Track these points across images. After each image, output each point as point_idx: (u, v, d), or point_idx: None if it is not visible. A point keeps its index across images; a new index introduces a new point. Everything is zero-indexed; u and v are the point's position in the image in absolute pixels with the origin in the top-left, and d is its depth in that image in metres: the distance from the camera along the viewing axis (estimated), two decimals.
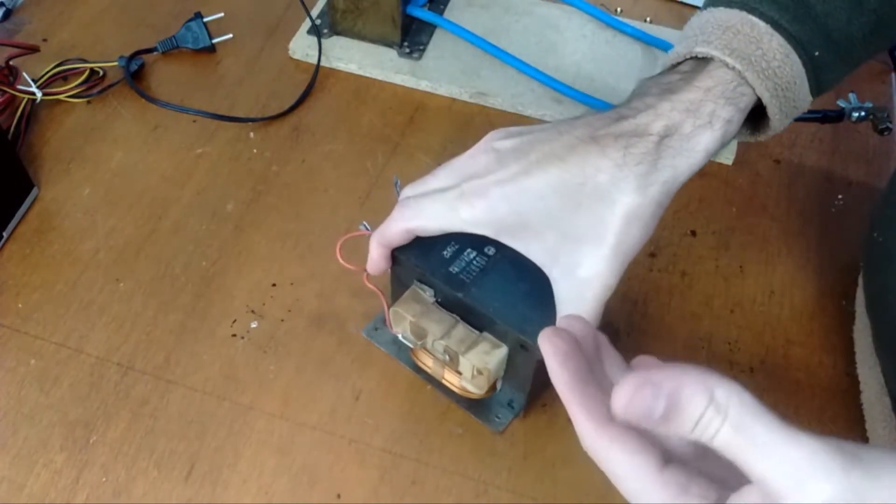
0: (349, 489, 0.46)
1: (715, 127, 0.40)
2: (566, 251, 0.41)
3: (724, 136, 0.41)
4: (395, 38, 0.68)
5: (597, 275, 0.40)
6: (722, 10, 0.43)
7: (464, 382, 0.46)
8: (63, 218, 0.58)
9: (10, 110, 0.62)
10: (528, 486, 0.47)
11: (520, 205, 0.40)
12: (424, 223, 0.43)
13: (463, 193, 0.41)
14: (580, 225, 0.40)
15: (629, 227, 0.40)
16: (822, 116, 0.63)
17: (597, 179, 0.39)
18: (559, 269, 0.41)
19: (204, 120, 0.64)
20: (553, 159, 0.40)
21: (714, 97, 0.40)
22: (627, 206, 0.39)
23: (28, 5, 0.72)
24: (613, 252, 0.40)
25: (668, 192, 0.40)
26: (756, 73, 0.41)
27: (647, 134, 0.40)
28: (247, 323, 0.53)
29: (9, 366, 0.50)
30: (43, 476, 0.46)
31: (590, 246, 0.40)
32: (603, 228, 0.40)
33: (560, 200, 0.40)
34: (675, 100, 0.40)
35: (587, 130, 0.41)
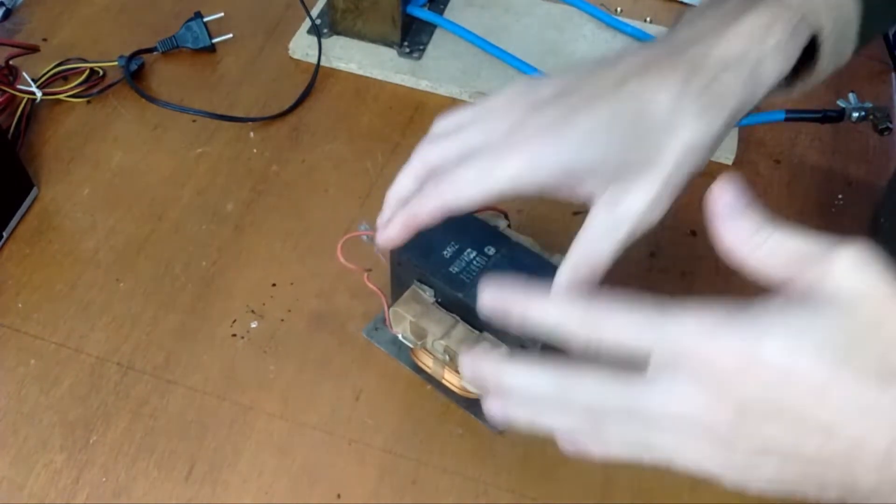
0: (349, 489, 0.46)
1: (778, 58, 0.37)
2: (614, 185, 0.37)
3: (784, 69, 0.37)
4: (395, 37, 0.68)
5: (641, 206, 0.37)
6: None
7: (464, 382, 0.46)
8: (63, 218, 0.58)
9: (10, 110, 0.62)
10: (528, 486, 0.47)
11: (566, 151, 0.37)
12: (463, 196, 0.38)
13: (500, 152, 0.37)
14: (634, 156, 0.37)
15: (686, 157, 0.37)
16: (822, 116, 0.63)
17: (655, 108, 0.36)
18: (602, 202, 0.38)
19: (204, 120, 0.64)
20: (603, 95, 0.37)
21: (781, 25, 0.37)
22: (688, 134, 0.36)
23: (28, 5, 0.72)
24: (665, 183, 0.37)
25: (729, 122, 0.37)
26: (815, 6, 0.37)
27: (709, 61, 0.36)
28: (247, 323, 0.53)
29: (9, 366, 0.50)
30: (43, 476, 0.46)
31: (641, 176, 0.37)
32: (659, 158, 0.37)
33: (612, 136, 0.37)
34: (742, 23, 0.37)
35: (639, 60, 0.37)
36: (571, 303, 0.32)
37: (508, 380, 0.33)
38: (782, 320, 0.28)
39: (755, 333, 0.28)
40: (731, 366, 0.28)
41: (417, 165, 0.41)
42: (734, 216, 0.33)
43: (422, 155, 0.41)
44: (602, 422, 0.31)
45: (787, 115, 0.63)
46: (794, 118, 0.63)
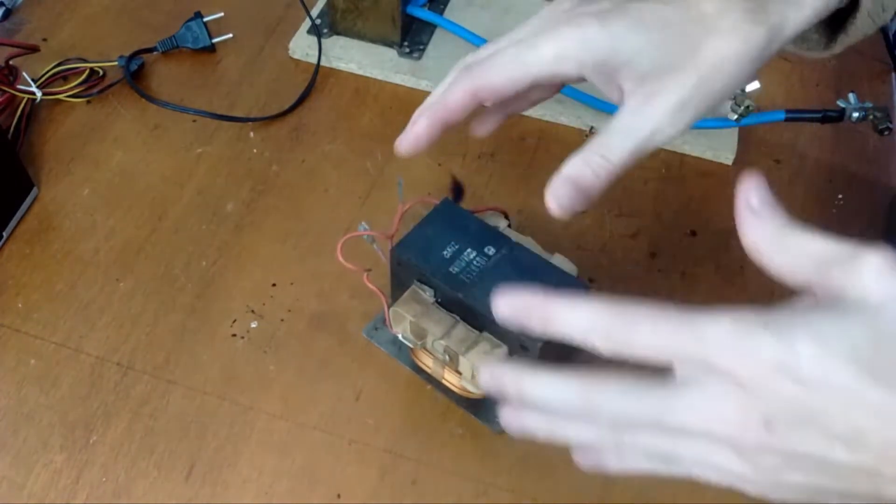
0: (349, 489, 0.46)
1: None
2: (649, 81, 0.36)
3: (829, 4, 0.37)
4: (395, 37, 0.68)
5: (667, 108, 0.36)
6: None
7: (464, 382, 0.46)
8: (63, 218, 0.58)
9: (10, 110, 0.62)
10: (528, 486, 0.47)
11: (615, 33, 0.36)
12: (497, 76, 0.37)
13: (543, 32, 0.37)
14: (672, 54, 0.36)
15: (722, 64, 0.36)
16: (822, 116, 0.63)
17: (701, 9, 0.36)
18: (631, 100, 0.37)
19: (204, 120, 0.64)
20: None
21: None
22: (729, 38, 0.36)
23: (28, 5, 0.72)
24: (695, 86, 0.36)
25: (772, 40, 0.36)
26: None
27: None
28: (247, 323, 0.53)
29: (9, 366, 0.50)
30: (43, 476, 0.46)
31: (674, 77, 0.36)
32: (695, 59, 0.36)
33: (660, 28, 0.36)
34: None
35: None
36: (597, 311, 0.30)
37: (530, 391, 0.32)
38: (812, 327, 0.27)
39: (786, 341, 0.27)
40: (762, 374, 0.27)
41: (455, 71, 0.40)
42: (763, 214, 0.33)
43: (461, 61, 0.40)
44: (625, 434, 0.30)
45: (787, 115, 0.63)
46: (794, 118, 0.63)
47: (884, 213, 0.51)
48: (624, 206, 0.60)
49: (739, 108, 0.61)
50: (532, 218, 0.58)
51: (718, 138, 0.64)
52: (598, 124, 0.64)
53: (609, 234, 0.58)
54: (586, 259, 0.56)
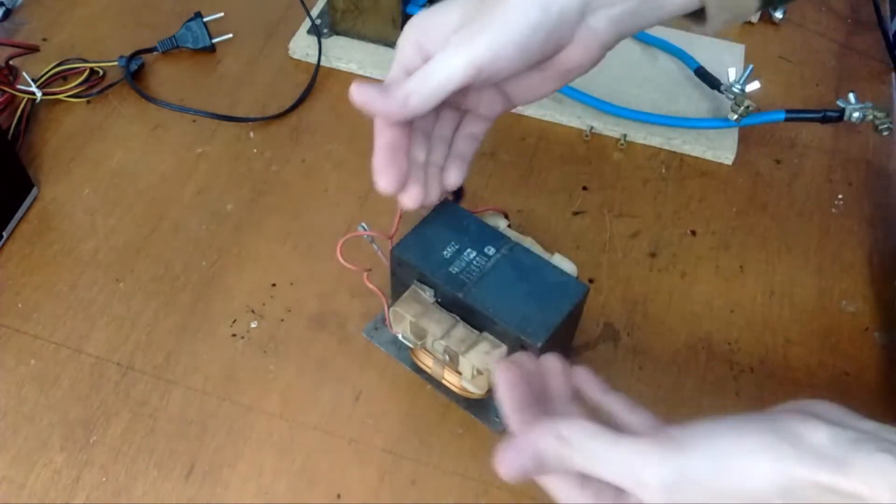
0: (349, 489, 0.46)
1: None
2: (467, 24, 0.39)
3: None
4: (395, 37, 0.67)
5: (453, 43, 0.39)
6: None
7: (464, 382, 0.46)
8: (63, 218, 0.58)
9: (10, 110, 0.62)
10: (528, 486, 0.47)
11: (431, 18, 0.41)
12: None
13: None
14: (471, 12, 0.39)
15: (527, 6, 0.38)
16: (822, 116, 0.63)
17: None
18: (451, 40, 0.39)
19: (204, 120, 0.64)
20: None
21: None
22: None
23: (28, 5, 0.72)
24: (480, 25, 0.38)
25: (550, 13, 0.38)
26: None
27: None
28: (247, 323, 0.53)
29: (9, 366, 0.50)
30: (43, 476, 0.46)
31: (483, 16, 0.38)
32: (482, 7, 0.38)
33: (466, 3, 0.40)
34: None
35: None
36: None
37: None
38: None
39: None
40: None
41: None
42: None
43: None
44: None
45: (787, 115, 0.63)
46: (794, 118, 0.63)
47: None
48: (624, 206, 0.60)
49: (739, 108, 0.61)
50: (532, 218, 0.58)
51: (718, 138, 0.64)
52: (597, 124, 0.64)
53: (609, 234, 0.58)
54: (586, 259, 0.56)
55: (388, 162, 0.42)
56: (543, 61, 0.40)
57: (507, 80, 0.42)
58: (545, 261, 0.45)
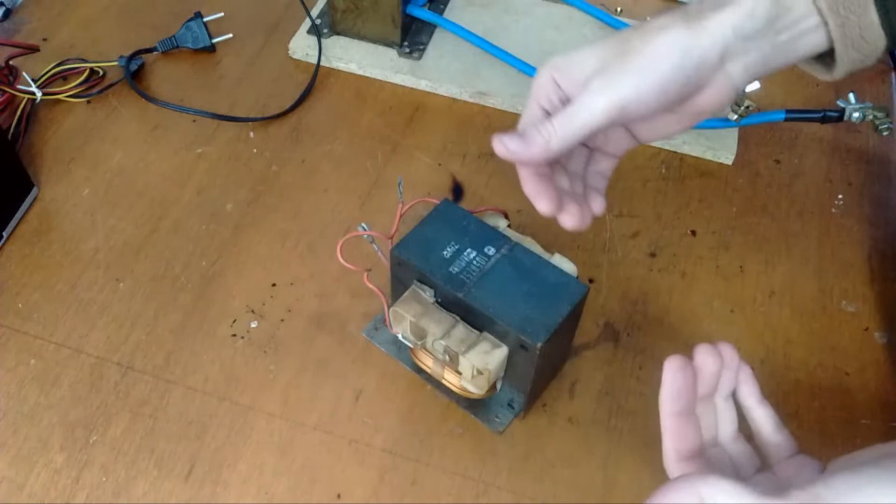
0: (349, 489, 0.46)
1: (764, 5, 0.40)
2: (609, 66, 0.41)
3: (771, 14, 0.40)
4: (395, 37, 0.68)
5: (594, 89, 0.40)
6: None
7: (464, 382, 0.46)
8: (63, 218, 0.58)
9: (10, 110, 0.62)
10: (528, 486, 0.47)
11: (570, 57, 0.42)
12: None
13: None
14: (610, 54, 0.41)
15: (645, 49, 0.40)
16: (822, 116, 0.63)
17: (654, 23, 0.41)
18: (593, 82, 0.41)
19: (204, 120, 0.64)
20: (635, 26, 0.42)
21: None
22: (652, 30, 0.40)
23: (28, 5, 0.72)
24: (620, 69, 0.40)
25: (695, 35, 0.40)
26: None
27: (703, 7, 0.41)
28: (247, 323, 0.53)
29: (9, 366, 0.50)
30: (43, 476, 0.46)
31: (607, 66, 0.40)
32: (624, 51, 0.40)
33: (605, 43, 0.41)
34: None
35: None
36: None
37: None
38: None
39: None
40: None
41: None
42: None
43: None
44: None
45: (787, 115, 0.63)
46: (794, 118, 0.63)
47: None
48: (624, 206, 0.60)
49: (739, 108, 0.61)
50: (532, 218, 0.58)
51: (718, 138, 0.64)
52: None
53: (609, 234, 0.58)
54: (586, 259, 0.56)
55: (540, 188, 0.43)
56: (678, 104, 0.42)
57: (638, 121, 0.44)
58: (545, 261, 0.45)
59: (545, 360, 0.44)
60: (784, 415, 0.42)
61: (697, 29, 0.40)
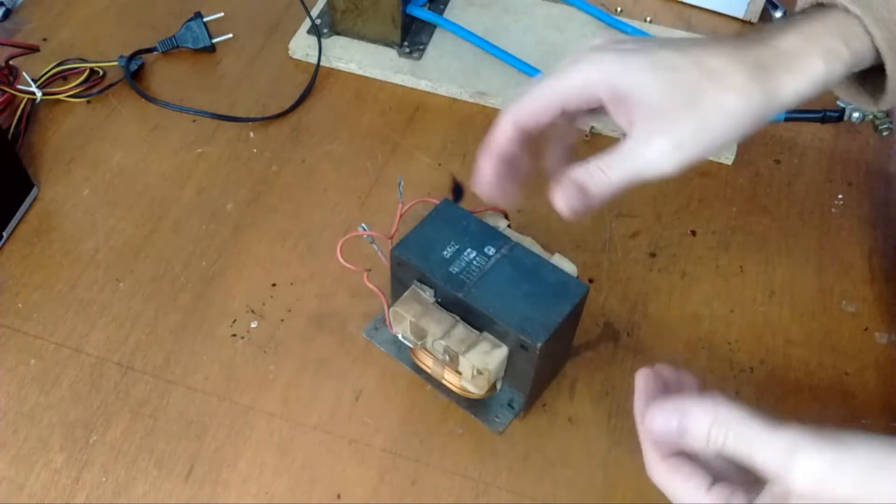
0: (349, 489, 0.46)
1: (827, 58, 0.40)
2: (652, 119, 0.40)
3: (832, 71, 0.41)
4: (395, 37, 0.68)
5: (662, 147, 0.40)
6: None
7: (464, 382, 0.46)
8: (63, 218, 0.58)
9: (10, 110, 0.62)
10: (528, 486, 0.47)
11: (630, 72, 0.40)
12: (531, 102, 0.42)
13: (574, 62, 0.41)
14: (678, 97, 0.40)
15: (721, 116, 0.40)
16: (822, 116, 0.63)
17: (710, 63, 0.40)
18: (636, 133, 0.40)
19: (204, 120, 0.64)
20: (671, 47, 0.41)
21: (830, 33, 0.41)
22: (729, 94, 0.39)
23: (28, 5, 0.72)
24: (693, 130, 0.40)
25: (769, 102, 0.40)
26: (875, 20, 0.40)
27: (766, 46, 0.40)
28: (247, 323, 0.53)
29: (9, 366, 0.50)
30: (43, 476, 0.46)
31: (676, 116, 0.40)
32: (697, 106, 0.40)
33: (666, 75, 0.40)
34: (794, 30, 0.41)
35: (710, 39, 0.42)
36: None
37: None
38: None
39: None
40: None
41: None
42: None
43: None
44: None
45: (787, 115, 0.63)
46: (794, 118, 0.63)
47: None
48: (624, 206, 0.60)
49: None
50: (532, 218, 0.58)
51: None
52: (598, 124, 0.64)
53: (609, 234, 0.58)
54: (586, 259, 0.56)
55: (496, 171, 0.43)
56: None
57: None
58: (545, 261, 0.45)
59: (545, 360, 0.44)
60: (784, 414, 0.41)
61: (770, 94, 0.40)
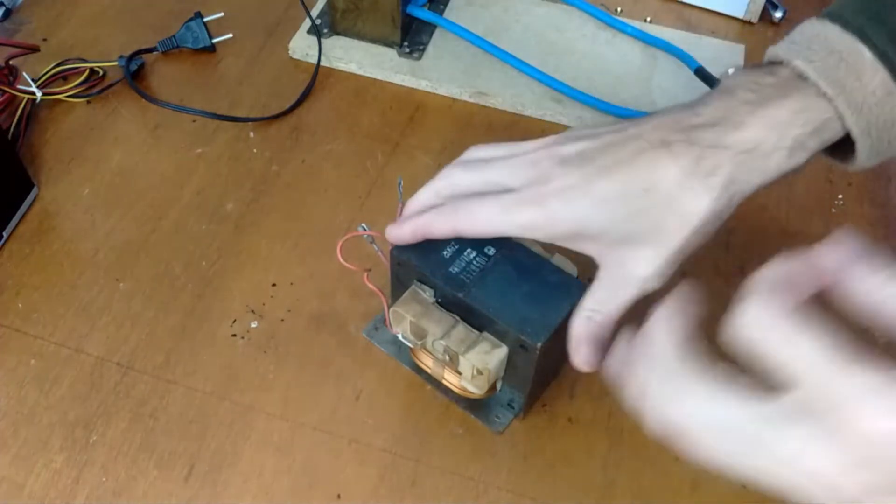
0: (349, 489, 0.46)
1: (794, 152, 0.39)
2: (621, 251, 0.40)
3: (799, 161, 0.40)
4: (395, 37, 0.68)
5: (644, 276, 0.40)
6: (835, 29, 0.40)
7: (464, 382, 0.46)
8: (63, 218, 0.58)
9: (10, 110, 0.62)
10: (528, 486, 0.47)
11: (580, 212, 0.40)
12: (476, 228, 0.42)
13: (521, 200, 0.41)
14: (640, 230, 0.39)
15: (688, 237, 0.39)
16: None
17: (663, 185, 0.39)
18: (608, 262, 0.41)
19: (204, 120, 0.64)
20: (619, 165, 0.39)
21: (802, 122, 0.39)
22: (690, 216, 0.39)
23: (28, 5, 0.72)
24: (667, 258, 0.40)
25: (733, 205, 0.40)
26: (849, 105, 0.39)
27: (724, 146, 0.39)
28: (247, 323, 0.53)
29: (9, 366, 0.50)
30: (43, 476, 0.46)
31: (646, 249, 0.40)
32: (663, 235, 0.39)
33: (623, 205, 0.39)
34: (762, 115, 0.39)
35: (659, 134, 0.40)
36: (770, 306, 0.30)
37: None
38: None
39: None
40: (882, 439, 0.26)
41: (442, 185, 0.44)
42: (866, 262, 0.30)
43: (448, 176, 0.44)
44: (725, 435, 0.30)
45: None
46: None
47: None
48: None
49: None
50: None
51: None
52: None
53: None
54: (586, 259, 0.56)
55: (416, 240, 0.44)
56: None
57: None
58: (545, 261, 0.45)
59: (545, 360, 0.44)
60: None
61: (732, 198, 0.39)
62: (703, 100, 0.41)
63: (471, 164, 0.44)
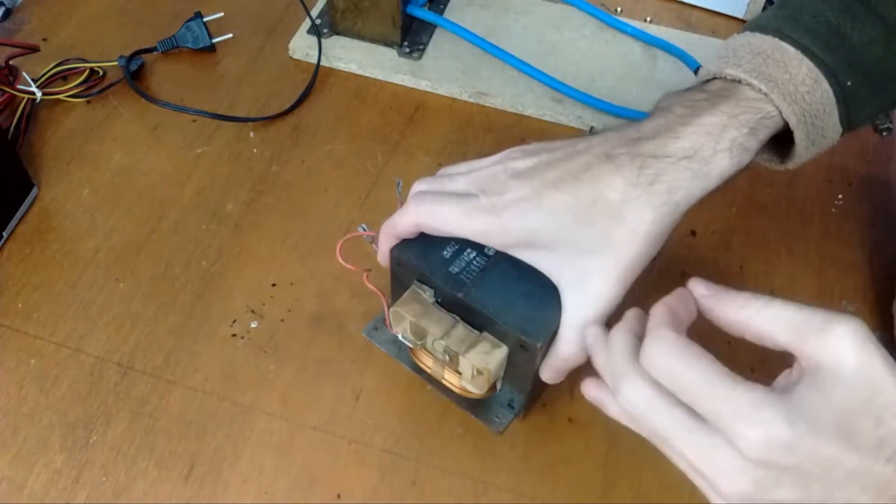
0: (349, 489, 0.46)
1: (734, 153, 0.40)
2: (575, 264, 0.41)
3: (741, 162, 0.41)
4: (395, 37, 0.68)
5: (602, 290, 0.41)
6: (756, 36, 0.44)
7: (464, 382, 0.46)
8: (63, 218, 0.58)
9: (10, 110, 0.62)
10: (528, 486, 0.47)
11: (531, 223, 0.41)
12: (436, 223, 0.43)
13: (479, 207, 0.42)
14: (589, 241, 0.40)
15: (637, 245, 0.40)
16: None
17: (608, 197, 0.40)
18: (566, 280, 0.42)
19: (204, 120, 0.64)
20: (567, 178, 0.41)
21: (738, 124, 0.41)
22: (636, 224, 0.40)
23: (28, 5, 0.72)
24: (619, 270, 0.41)
25: (679, 212, 0.41)
26: (783, 96, 0.41)
27: (665, 156, 0.40)
28: (247, 323, 0.53)
29: (9, 366, 0.50)
30: (43, 476, 0.46)
31: (597, 261, 0.41)
32: (611, 246, 0.40)
33: (571, 218, 0.40)
34: (698, 123, 0.41)
35: (604, 148, 0.41)
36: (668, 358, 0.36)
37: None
38: (803, 407, 0.32)
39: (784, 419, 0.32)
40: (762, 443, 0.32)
41: (412, 190, 0.46)
42: (724, 294, 0.39)
43: (416, 187, 0.45)
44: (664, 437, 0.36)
45: None
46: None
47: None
48: None
49: None
50: None
51: None
52: (598, 124, 0.64)
53: None
54: None
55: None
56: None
57: None
58: None
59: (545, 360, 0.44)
60: None
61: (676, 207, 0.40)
62: (645, 118, 0.43)
63: (435, 178, 0.46)
